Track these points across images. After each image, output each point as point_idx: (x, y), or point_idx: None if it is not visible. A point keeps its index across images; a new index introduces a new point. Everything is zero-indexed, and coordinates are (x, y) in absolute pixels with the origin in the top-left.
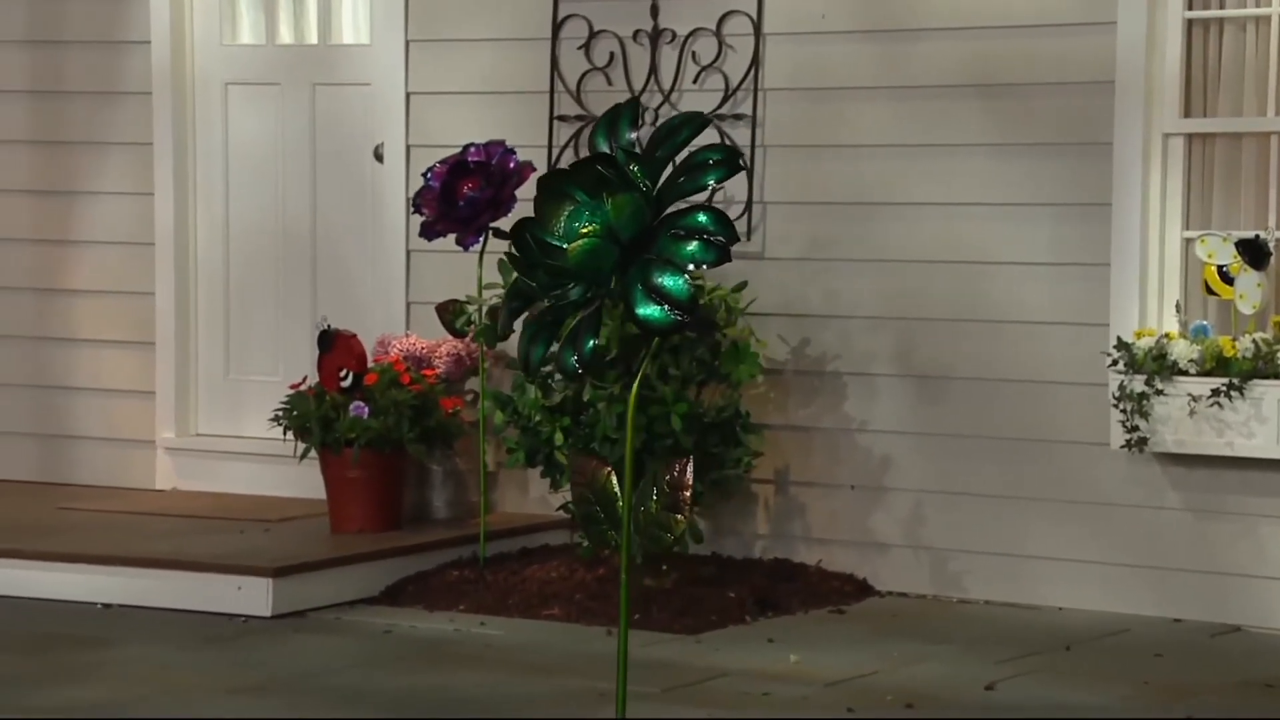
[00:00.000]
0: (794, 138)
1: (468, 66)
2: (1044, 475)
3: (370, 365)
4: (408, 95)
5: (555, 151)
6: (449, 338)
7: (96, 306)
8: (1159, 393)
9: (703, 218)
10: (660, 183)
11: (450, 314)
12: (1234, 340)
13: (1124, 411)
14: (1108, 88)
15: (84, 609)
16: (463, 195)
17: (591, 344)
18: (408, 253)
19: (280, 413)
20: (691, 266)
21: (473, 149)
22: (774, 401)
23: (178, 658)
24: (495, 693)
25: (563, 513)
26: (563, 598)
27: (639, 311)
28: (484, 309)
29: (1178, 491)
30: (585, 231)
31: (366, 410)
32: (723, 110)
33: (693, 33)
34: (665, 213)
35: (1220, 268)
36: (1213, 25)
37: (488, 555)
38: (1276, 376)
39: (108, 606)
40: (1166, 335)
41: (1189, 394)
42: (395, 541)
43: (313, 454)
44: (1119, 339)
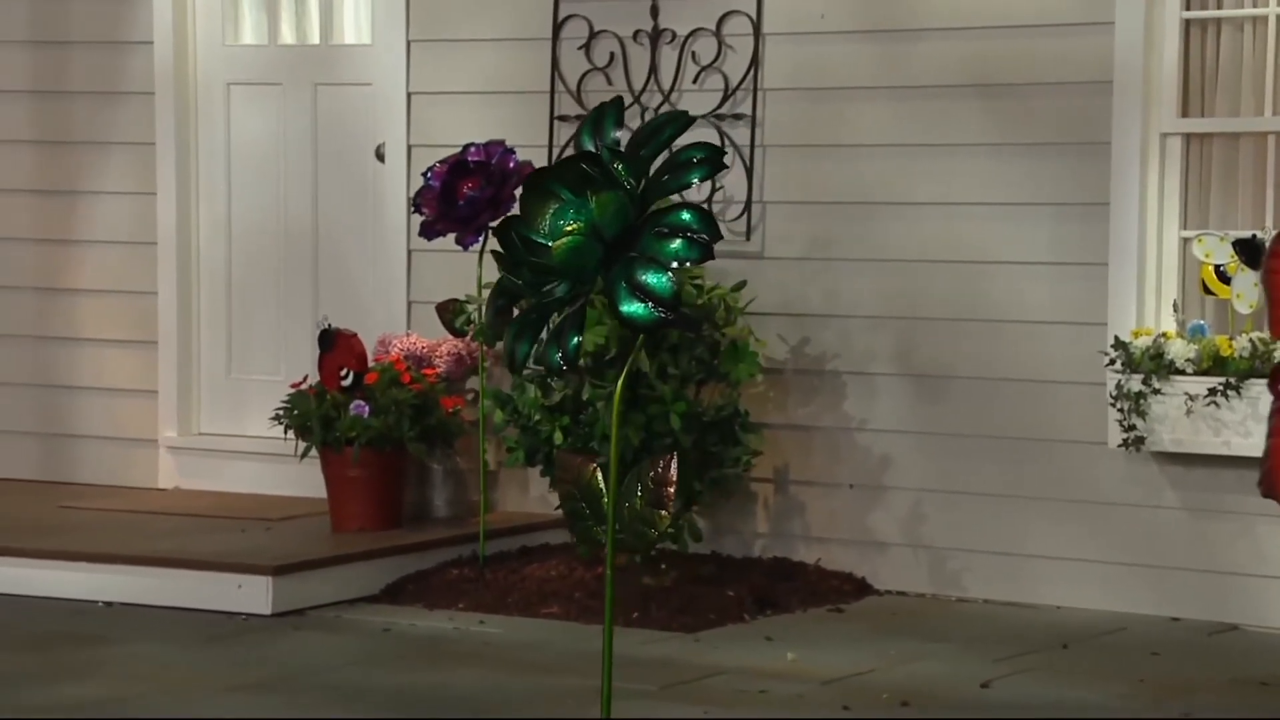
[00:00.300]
0: (793, 137)
1: (469, 66)
2: (1043, 474)
3: (371, 364)
4: (409, 95)
5: (556, 151)
6: (450, 337)
7: (99, 306)
8: (1156, 392)
9: (686, 215)
10: (644, 181)
11: (450, 313)
12: (1231, 340)
13: (1121, 411)
14: (1106, 88)
15: (85, 607)
16: (463, 195)
17: (576, 341)
18: (409, 252)
19: (281, 412)
20: (675, 264)
21: (473, 149)
22: (774, 400)
23: (178, 655)
24: (493, 690)
25: (562, 512)
26: (562, 596)
27: (623, 309)
28: (484, 308)
29: (1175, 491)
30: (570, 229)
31: (367, 409)
32: (722, 110)
33: (693, 33)
34: (649, 210)
35: (1217, 267)
36: (1210, 25)
37: (488, 554)
38: None
39: (109, 605)
40: (1164, 334)
41: (1186, 393)
42: (395, 540)
43: (314, 453)
44: (1116, 338)
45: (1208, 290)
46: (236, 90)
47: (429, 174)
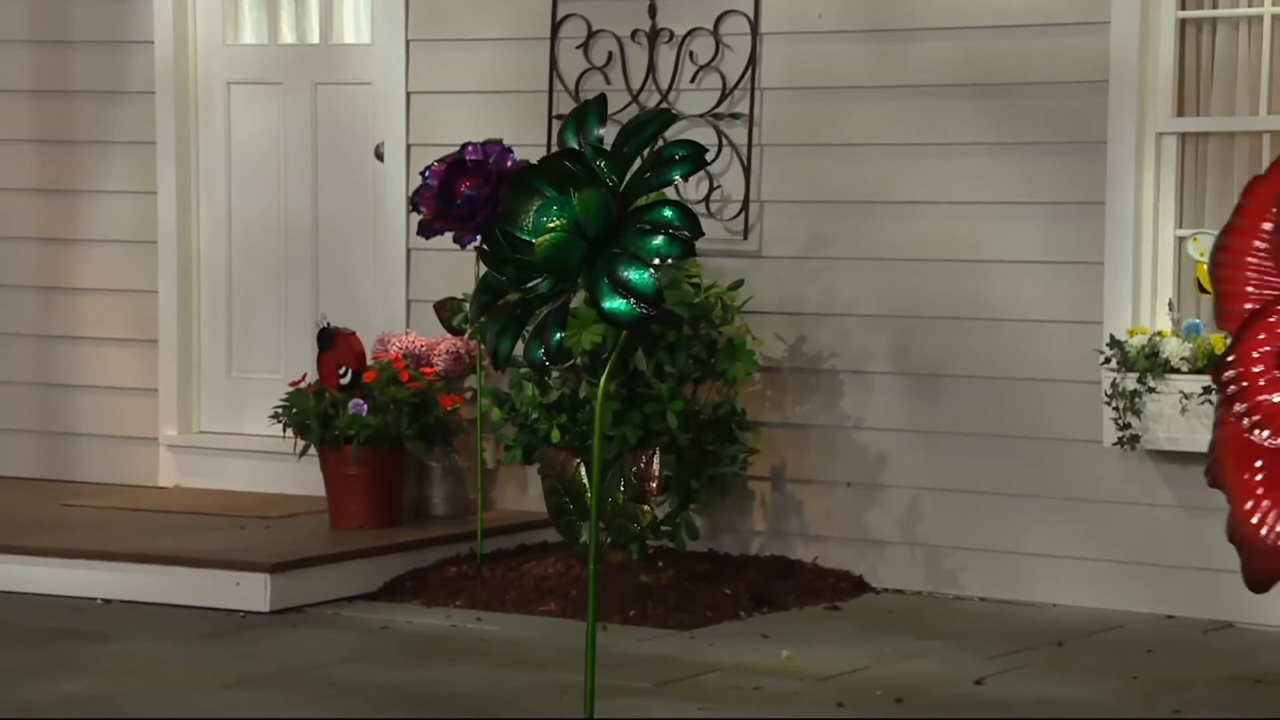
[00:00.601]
0: (791, 137)
1: (468, 66)
2: (1038, 473)
3: (370, 363)
4: (408, 94)
5: (554, 150)
6: (448, 335)
7: (100, 304)
8: (1151, 390)
9: (668, 212)
10: (627, 178)
11: (448, 312)
12: (1225, 338)
13: (1116, 409)
14: (1102, 87)
15: (85, 604)
16: (460, 194)
17: (558, 337)
18: (408, 251)
19: (280, 410)
20: (657, 260)
21: (470, 148)
22: (771, 399)
23: (176, 652)
24: (488, 687)
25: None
26: (559, 593)
27: (605, 305)
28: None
29: (1170, 489)
30: (552, 226)
31: (365, 407)
32: (720, 109)
33: (690, 32)
34: (631, 207)
35: None
36: (1205, 25)
37: (486, 551)
38: None
39: (108, 602)
40: (1159, 333)
41: (1181, 392)
42: (393, 538)
43: (313, 451)
44: (1112, 337)
45: (1203, 289)
46: (237, 90)
47: (427, 173)
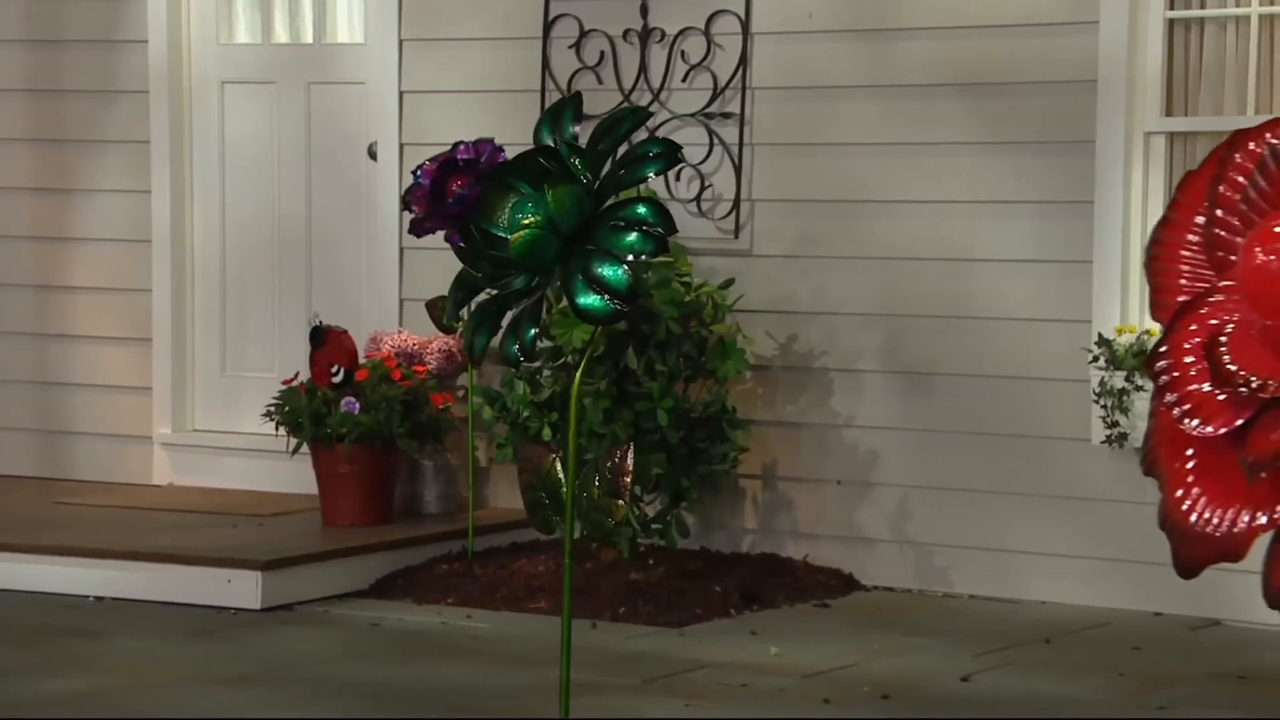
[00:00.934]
0: (781, 136)
1: (460, 65)
2: (1028, 470)
3: (362, 361)
4: (401, 94)
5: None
6: (440, 334)
7: (94, 303)
8: (1139, 389)
9: (642, 209)
10: (601, 175)
11: (439, 310)
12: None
13: (1105, 408)
14: (1090, 87)
15: (78, 602)
16: (452, 192)
17: (533, 333)
18: (401, 250)
19: (272, 408)
20: (630, 257)
21: (462, 147)
22: (762, 397)
23: (167, 649)
24: (479, 684)
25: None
26: (549, 591)
27: (579, 301)
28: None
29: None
30: (527, 223)
31: (357, 406)
32: (711, 109)
33: (682, 32)
34: (606, 204)
35: None
36: (1193, 25)
37: (478, 549)
38: None
39: (101, 599)
40: (1147, 332)
41: None
42: (385, 535)
43: (306, 449)
44: (1100, 335)
45: None
46: (231, 89)
47: (419, 172)
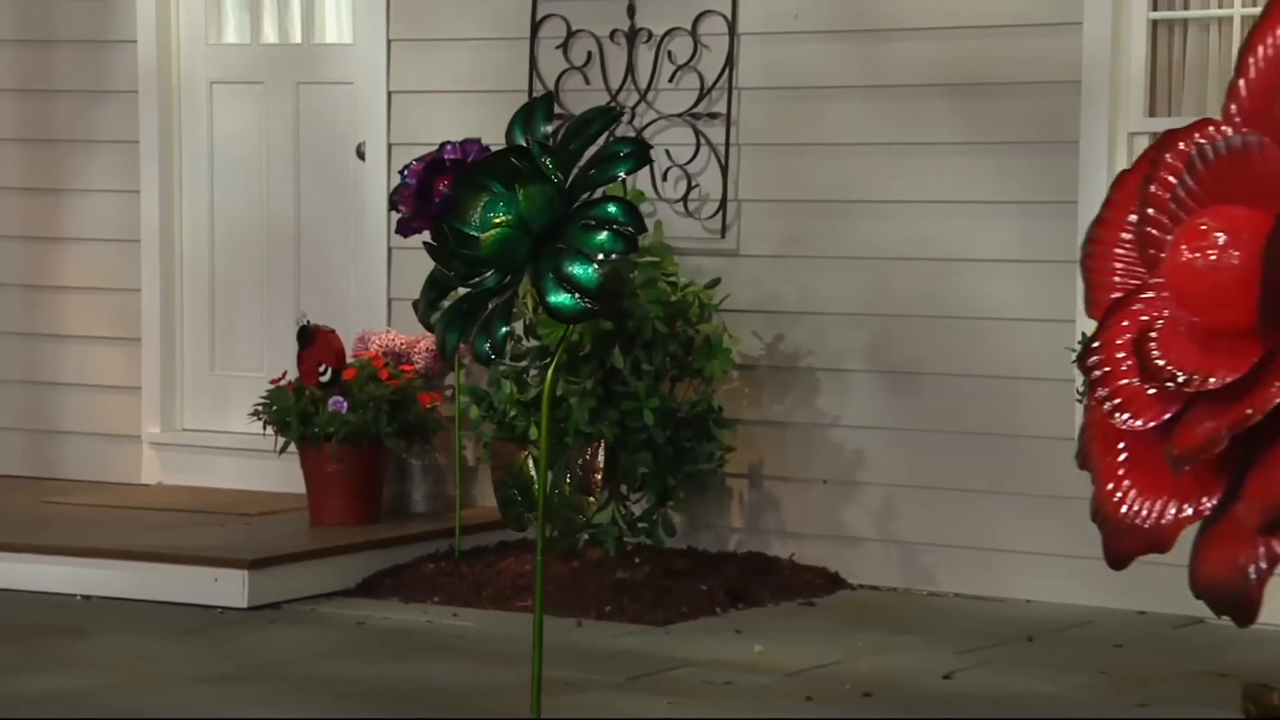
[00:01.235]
0: (768, 136)
1: (448, 66)
2: (1013, 469)
3: (350, 360)
4: (389, 94)
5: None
6: (427, 334)
7: (83, 303)
8: None
9: (612, 208)
10: (572, 175)
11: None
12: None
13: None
14: (1074, 87)
15: (65, 600)
16: (438, 192)
17: (503, 331)
18: (389, 249)
19: (260, 407)
20: (601, 255)
21: (449, 147)
22: (748, 397)
23: (153, 648)
24: (464, 682)
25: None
26: (535, 590)
27: (550, 300)
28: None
29: None
30: (498, 222)
31: (345, 405)
32: (698, 109)
33: (669, 32)
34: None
35: None
36: (1177, 26)
37: (465, 548)
38: None
39: (88, 598)
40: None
41: None
42: (372, 534)
43: (294, 448)
44: (1084, 334)
45: None
46: (219, 89)
47: (406, 172)
